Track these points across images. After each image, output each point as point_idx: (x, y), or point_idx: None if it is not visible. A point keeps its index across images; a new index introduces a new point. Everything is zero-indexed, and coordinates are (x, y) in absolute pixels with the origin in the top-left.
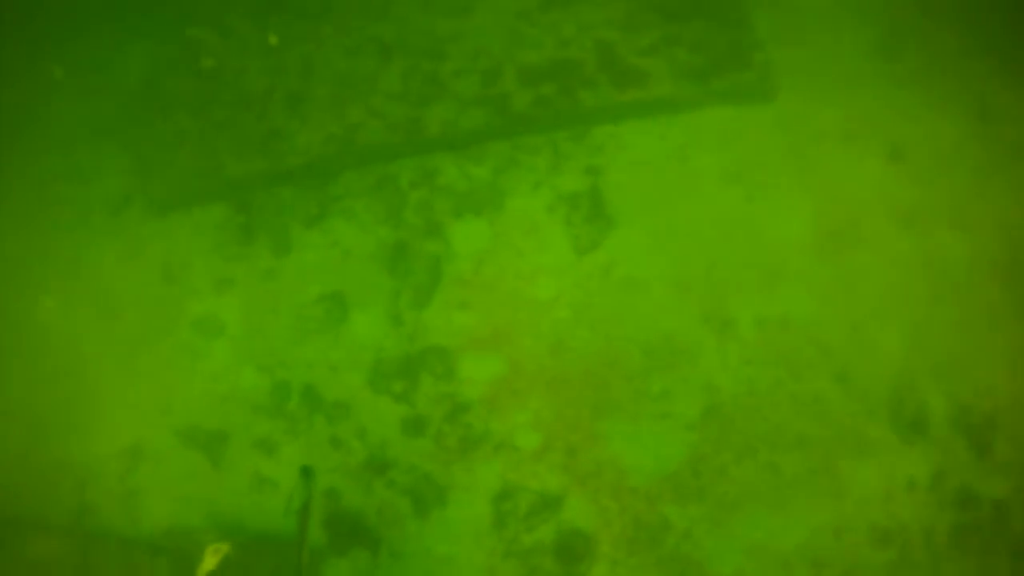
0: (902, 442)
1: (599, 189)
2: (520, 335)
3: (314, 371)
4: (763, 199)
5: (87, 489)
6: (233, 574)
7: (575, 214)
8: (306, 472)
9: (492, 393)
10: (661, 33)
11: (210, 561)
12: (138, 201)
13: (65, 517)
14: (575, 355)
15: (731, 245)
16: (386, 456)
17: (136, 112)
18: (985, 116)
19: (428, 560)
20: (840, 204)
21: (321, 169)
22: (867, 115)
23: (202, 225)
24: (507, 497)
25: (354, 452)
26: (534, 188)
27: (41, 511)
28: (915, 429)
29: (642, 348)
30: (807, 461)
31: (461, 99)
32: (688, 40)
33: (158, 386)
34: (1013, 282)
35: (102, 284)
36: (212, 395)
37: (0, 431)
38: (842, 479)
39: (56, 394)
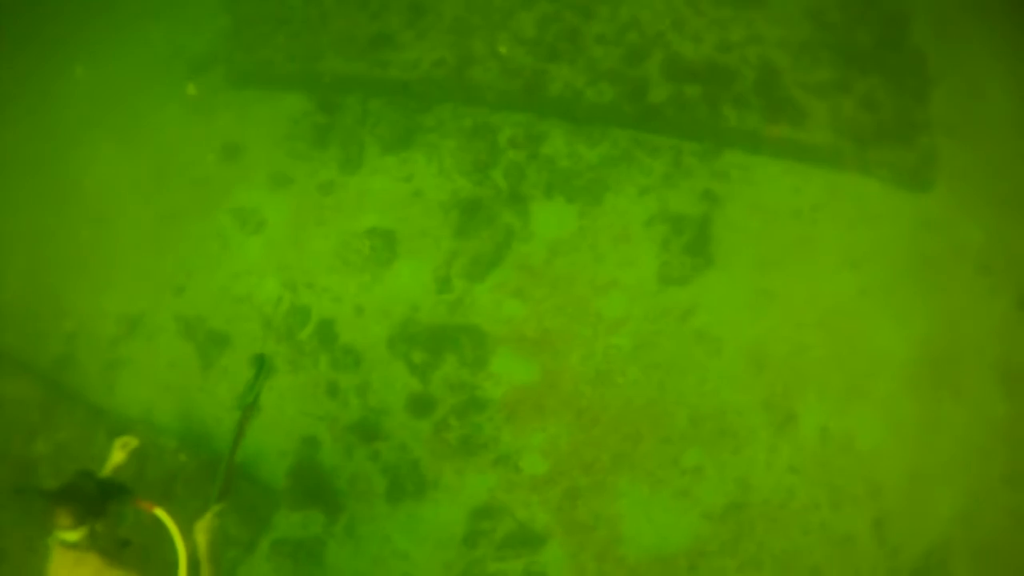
0: None
1: (709, 220)
2: (568, 348)
3: (339, 307)
4: (876, 298)
5: (76, 343)
6: (186, 488)
7: (675, 238)
8: (260, 361)
9: (515, 400)
10: (835, 75)
11: (118, 455)
12: (221, 66)
13: (46, 364)
14: (617, 392)
15: (825, 336)
16: (379, 425)
17: None
18: None
19: (383, 548)
20: (952, 337)
21: (420, 92)
22: (1014, 248)
23: (278, 111)
24: (488, 516)
25: (349, 408)
26: (641, 193)
27: (26, 351)
28: None
29: (690, 412)
30: None
31: (595, 68)
32: (860, 93)
33: (178, 264)
34: None
35: (159, 141)
36: (228, 293)
37: (8, 258)
38: None
39: (76, 238)
